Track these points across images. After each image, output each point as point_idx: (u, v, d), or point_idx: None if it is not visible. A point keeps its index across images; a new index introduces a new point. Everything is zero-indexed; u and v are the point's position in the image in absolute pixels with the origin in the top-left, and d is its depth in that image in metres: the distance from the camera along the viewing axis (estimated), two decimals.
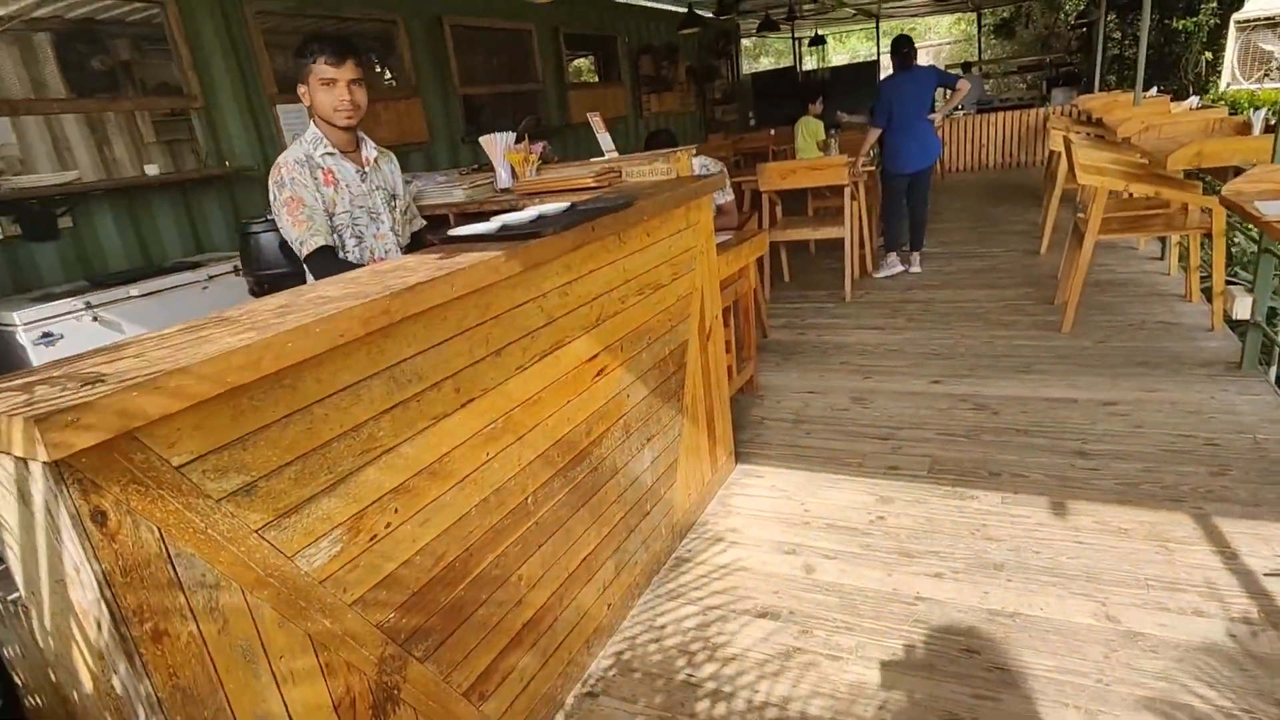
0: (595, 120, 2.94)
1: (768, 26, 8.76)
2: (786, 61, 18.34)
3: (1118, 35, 12.76)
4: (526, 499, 1.69)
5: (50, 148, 5.59)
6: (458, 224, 2.92)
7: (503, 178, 2.95)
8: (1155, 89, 8.94)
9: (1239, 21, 10.79)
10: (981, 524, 2.38)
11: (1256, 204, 2.29)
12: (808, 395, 3.61)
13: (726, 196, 4.17)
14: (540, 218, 1.94)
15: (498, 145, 2.90)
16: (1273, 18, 10.56)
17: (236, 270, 3.66)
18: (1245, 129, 4.16)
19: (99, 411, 0.86)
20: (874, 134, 5.30)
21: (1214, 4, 10.03)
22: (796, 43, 15.15)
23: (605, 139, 2.90)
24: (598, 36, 8.44)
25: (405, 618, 1.36)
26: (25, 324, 2.98)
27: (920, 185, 5.42)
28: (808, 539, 2.43)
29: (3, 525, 1.00)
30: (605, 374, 1.99)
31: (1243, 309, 3.09)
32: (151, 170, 4.07)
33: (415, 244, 2.41)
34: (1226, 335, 3.59)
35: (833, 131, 6.28)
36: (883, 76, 5.41)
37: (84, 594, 0.94)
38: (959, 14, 17.23)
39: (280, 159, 2.03)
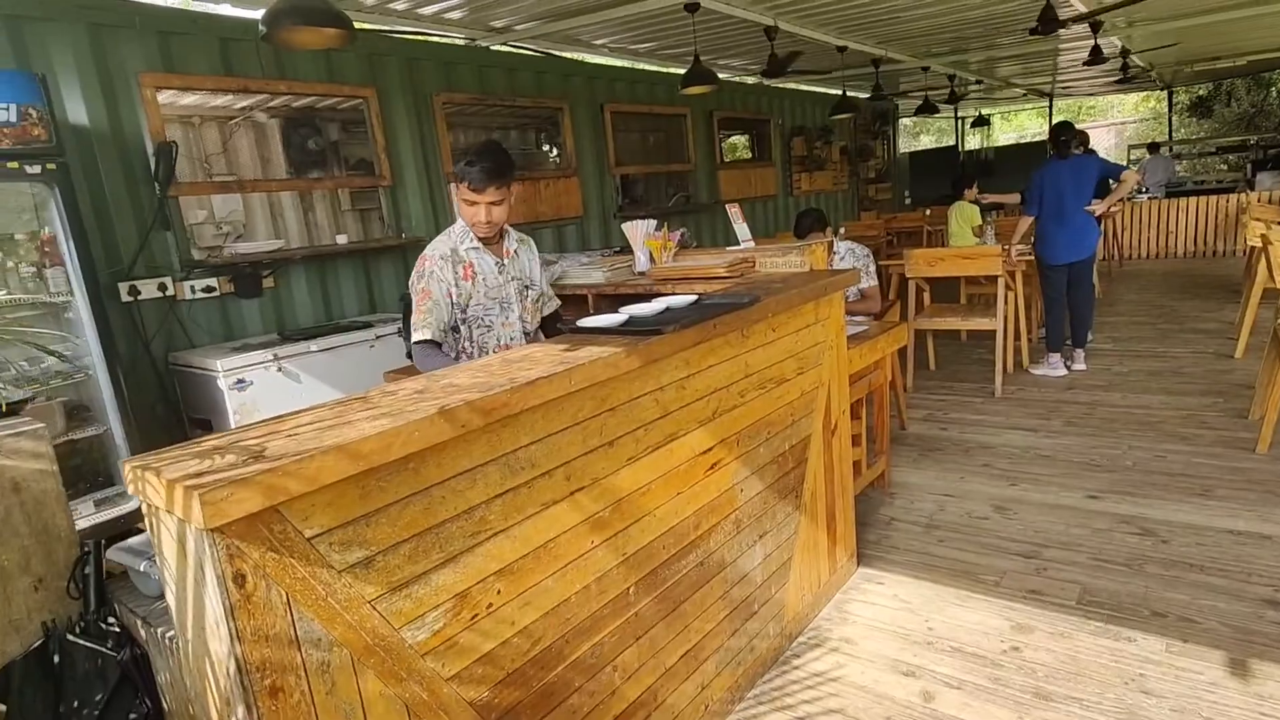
0: (733, 211, 3.02)
1: (927, 109, 8.63)
2: (948, 139, 17.87)
3: None
4: (628, 589, 1.70)
5: (268, 214, 6.50)
6: (596, 304, 3.08)
7: (641, 261, 3.08)
8: None
9: None
10: (1139, 673, 2.10)
11: None
12: (944, 498, 3.39)
13: (870, 281, 4.10)
14: (667, 310, 2.01)
15: (638, 231, 3.04)
16: None
17: (399, 331, 4.03)
18: None
19: (251, 488, 0.99)
20: (1025, 221, 5.03)
21: None
22: (960, 122, 14.76)
23: (742, 229, 2.97)
24: (751, 119, 8.67)
25: (497, 697, 1.41)
26: (225, 371, 3.44)
27: (1081, 278, 5.04)
28: (929, 661, 2.25)
29: (167, 570, 1.16)
30: (719, 467, 1.99)
31: None
32: (341, 240, 4.62)
33: (548, 326, 2.55)
34: None
35: (989, 217, 6.01)
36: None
37: (219, 645, 1.06)
38: (1147, 92, 16.09)
39: (428, 249, 2.26)
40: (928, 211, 9.86)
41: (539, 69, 5.88)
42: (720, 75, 7.78)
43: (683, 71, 7.32)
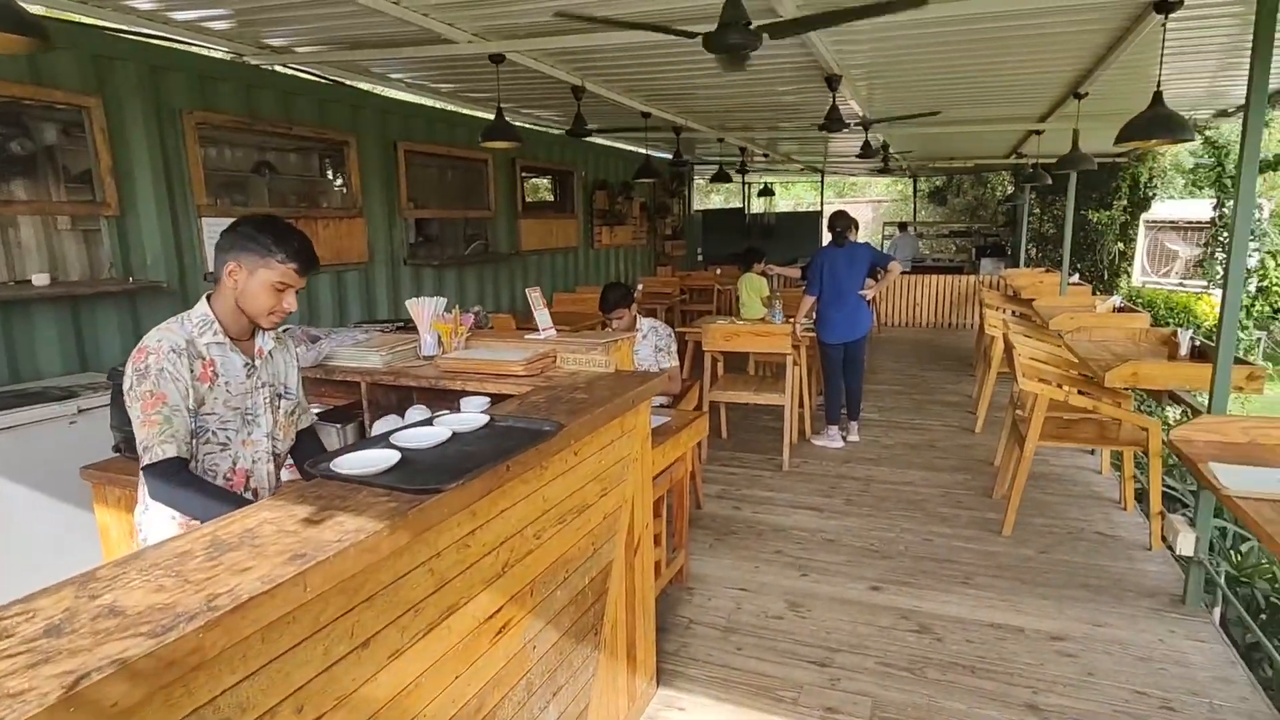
0: (534, 296, 2.74)
1: (721, 178, 9.08)
2: (736, 200, 19.22)
3: (1038, 212, 13.83)
4: None
5: None
6: (371, 394, 2.63)
7: (428, 343, 2.69)
8: (1076, 275, 9.59)
9: (1148, 221, 11.90)
10: None
11: (1213, 468, 2.20)
12: (739, 593, 3.32)
13: (671, 361, 4.02)
14: (452, 439, 1.67)
15: (425, 311, 2.66)
16: (1176, 221, 11.68)
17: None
18: (1169, 343, 4.30)
19: None
20: (808, 301, 5.34)
21: (1124, 202, 11.03)
22: (746, 188, 15.90)
23: (543, 316, 2.70)
24: (555, 169, 8.56)
25: None
26: None
27: (855, 356, 5.43)
28: None
29: None
30: (508, 629, 1.67)
31: (1186, 545, 3.00)
32: (41, 280, 3.65)
33: (302, 446, 2.06)
34: (1166, 559, 3.51)
35: (775, 291, 6.34)
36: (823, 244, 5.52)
37: None
38: (897, 177, 18.50)
39: (150, 341, 1.69)
40: (719, 270, 10.41)
41: (324, 96, 5.25)
42: (526, 125, 7.60)
43: (485, 115, 7.01)
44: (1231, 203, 2.89)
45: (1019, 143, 9.83)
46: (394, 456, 1.51)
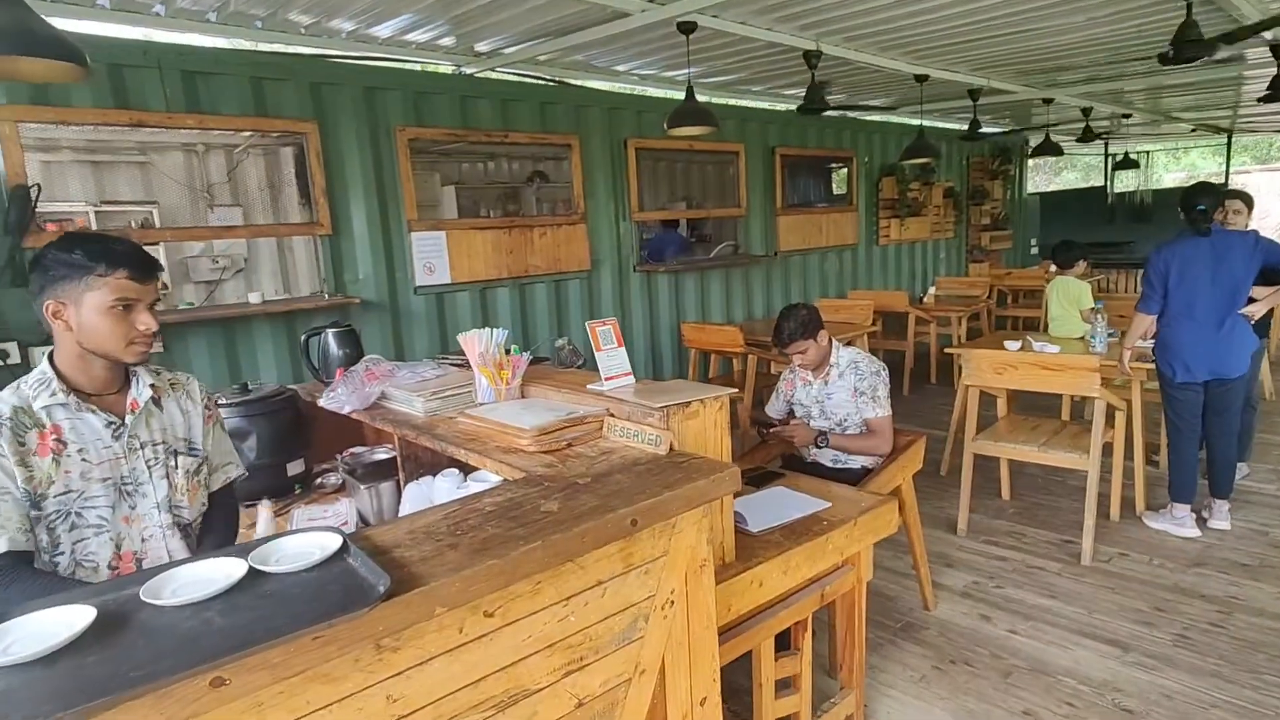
0: (602, 330, 1.95)
1: (1047, 150, 7.07)
2: (1097, 177, 15.52)
3: None
4: None
5: (274, 253, 5.99)
6: (408, 449, 2.15)
7: (483, 388, 2.12)
8: None
9: None
10: None
11: None
12: None
13: (879, 411, 2.92)
14: (238, 586, 1.05)
15: (475, 348, 2.08)
16: None
17: None
18: None
19: None
20: (1142, 321, 3.61)
21: None
22: (1109, 159, 12.66)
23: (610, 359, 1.89)
24: (827, 156, 7.47)
25: None
26: None
27: (1225, 404, 3.55)
28: None
29: None
30: None
31: None
32: (254, 299, 3.94)
33: (209, 515, 1.64)
34: None
35: (1100, 304, 4.55)
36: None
37: None
38: None
39: None
40: (1053, 266, 8.24)
41: (544, 99, 5.05)
42: (777, 107, 6.69)
43: (731, 101, 6.29)
44: None
45: None
46: (60, 635, 0.93)
